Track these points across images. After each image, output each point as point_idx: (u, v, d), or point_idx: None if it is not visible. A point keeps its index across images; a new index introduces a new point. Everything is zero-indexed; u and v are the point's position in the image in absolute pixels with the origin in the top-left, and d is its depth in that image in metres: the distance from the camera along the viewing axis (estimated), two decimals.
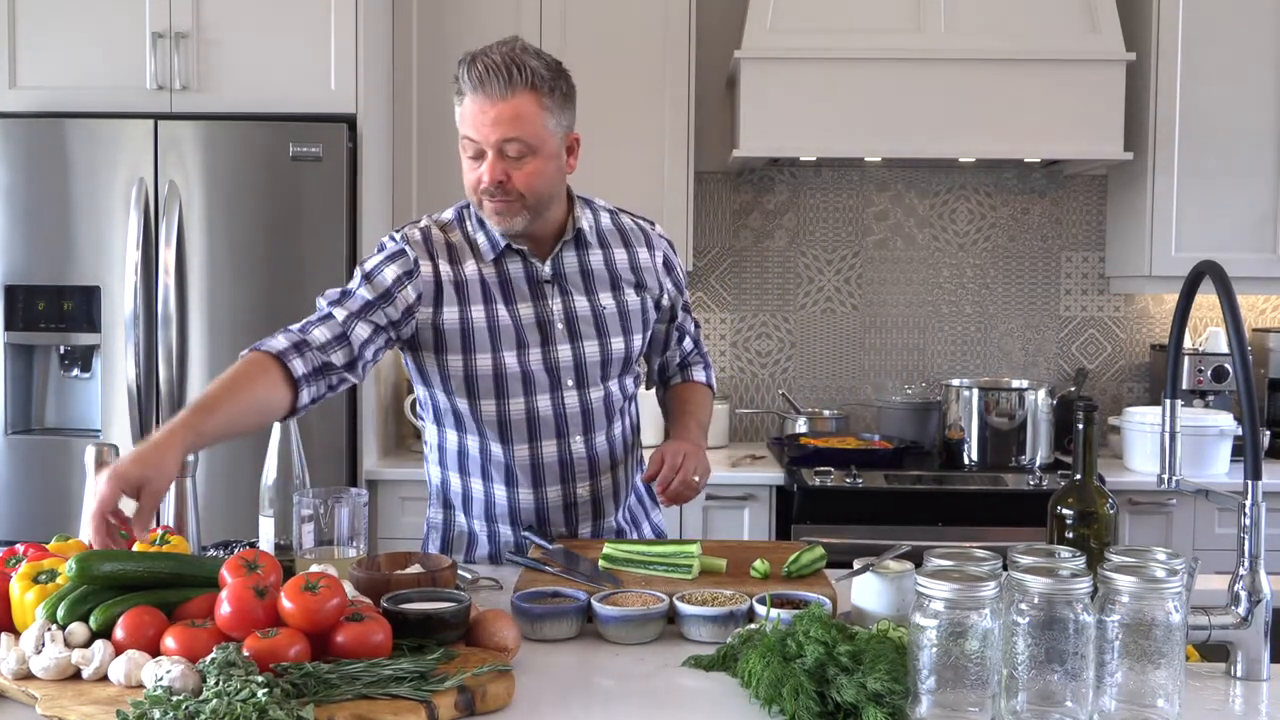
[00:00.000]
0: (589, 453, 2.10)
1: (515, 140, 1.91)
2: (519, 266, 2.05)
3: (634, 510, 2.25)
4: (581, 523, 2.13)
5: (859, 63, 3.44)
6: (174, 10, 3.30)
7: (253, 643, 1.37)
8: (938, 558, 1.36)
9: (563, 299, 2.06)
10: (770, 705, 1.37)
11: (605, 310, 2.08)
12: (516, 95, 1.90)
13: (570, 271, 2.07)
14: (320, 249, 3.28)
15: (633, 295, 2.12)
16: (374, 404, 3.47)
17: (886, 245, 4.00)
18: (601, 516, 2.14)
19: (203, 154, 3.27)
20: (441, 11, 3.60)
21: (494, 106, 1.90)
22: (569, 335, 2.06)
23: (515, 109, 1.90)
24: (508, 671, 1.43)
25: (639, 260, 2.14)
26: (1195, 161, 3.56)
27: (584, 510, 2.12)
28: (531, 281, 2.05)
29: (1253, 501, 1.51)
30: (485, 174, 1.93)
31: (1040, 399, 3.50)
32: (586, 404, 2.08)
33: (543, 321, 2.04)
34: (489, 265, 2.03)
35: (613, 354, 2.09)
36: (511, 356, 2.02)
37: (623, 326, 2.10)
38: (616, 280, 2.10)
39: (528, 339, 2.03)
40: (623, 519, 2.20)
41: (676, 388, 2.32)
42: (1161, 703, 1.33)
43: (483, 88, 1.90)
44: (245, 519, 2.11)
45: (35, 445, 3.38)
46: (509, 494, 2.09)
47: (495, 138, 1.91)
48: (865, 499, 3.27)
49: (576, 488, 2.10)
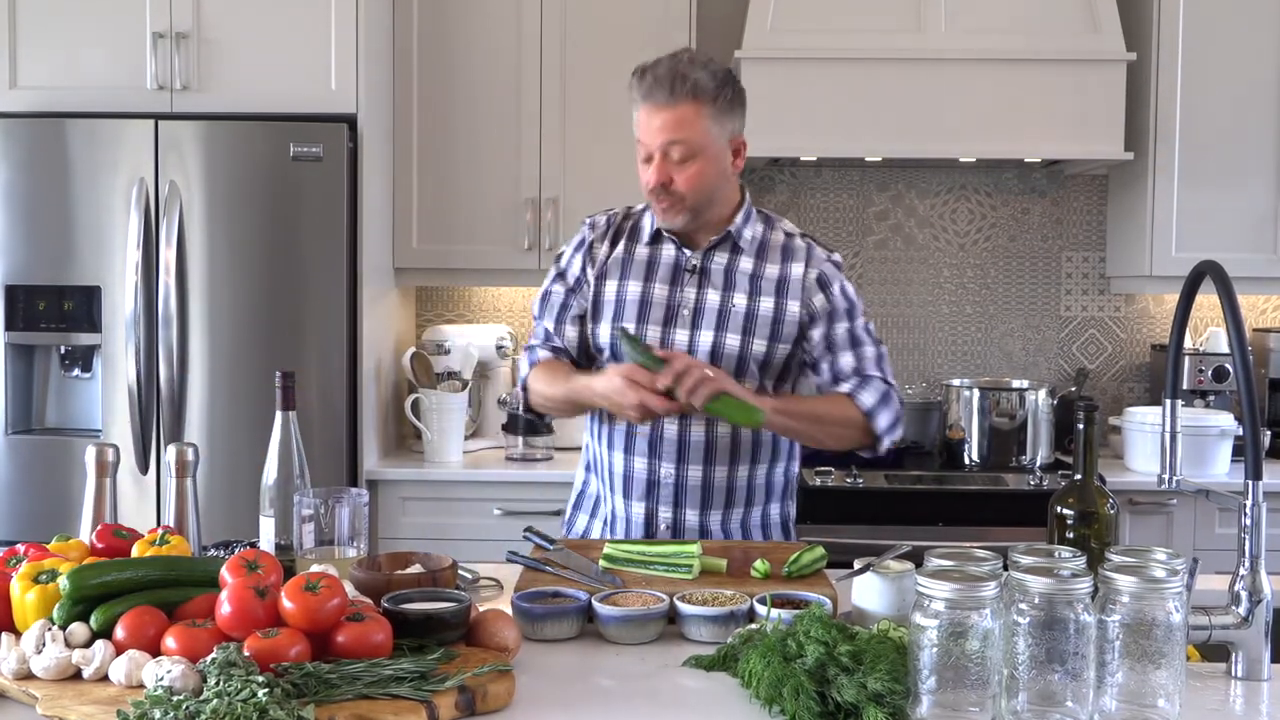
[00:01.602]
0: (681, 436, 2.16)
1: (679, 143, 2.08)
2: (671, 251, 2.21)
3: (751, 534, 2.24)
4: (662, 504, 2.19)
5: (859, 63, 3.44)
6: (174, 10, 3.31)
7: (253, 643, 1.37)
8: (938, 558, 1.36)
9: (698, 290, 2.19)
10: (771, 705, 1.37)
11: (734, 308, 2.17)
12: (679, 103, 2.06)
13: (715, 267, 2.19)
14: (320, 249, 3.28)
15: (768, 302, 2.17)
16: (374, 404, 3.47)
17: (886, 245, 4.00)
18: (681, 505, 2.19)
19: (203, 154, 3.27)
20: (441, 11, 3.60)
21: (660, 114, 2.07)
22: (691, 323, 2.17)
23: (679, 116, 2.07)
24: (508, 671, 1.43)
25: (789, 274, 2.19)
26: (1195, 161, 3.56)
27: (665, 491, 2.18)
28: (676, 268, 2.20)
29: (1253, 501, 1.51)
30: (649, 176, 2.11)
31: (1041, 399, 3.50)
32: None
33: (672, 304, 2.18)
34: (644, 246, 2.22)
35: (725, 349, 2.15)
36: (630, 328, 2.16)
37: (745, 326, 2.16)
38: (757, 286, 2.18)
39: (650, 315, 2.18)
40: (718, 525, 2.20)
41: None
42: (1162, 703, 1.33)
43: (651, 97, 2.08)
44: (245, 519, 2.11)
45: (35, 445, 3.38)
46: (609, 455, 2.22)
47: (660, 142, 2.08)
48: (865, 499, 3.27)
49: (661, 466, 2.17)
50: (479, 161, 3.62)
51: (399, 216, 3.63)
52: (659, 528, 2.19)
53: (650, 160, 2.11)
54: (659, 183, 2.10)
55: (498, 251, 3.63)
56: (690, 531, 2.19)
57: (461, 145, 3.62)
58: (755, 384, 2.18)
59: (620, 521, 2.22)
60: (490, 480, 3.43)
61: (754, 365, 2.17)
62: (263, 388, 3.15)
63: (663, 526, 2.19)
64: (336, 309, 3.30)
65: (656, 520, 2.19)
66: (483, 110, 3.61)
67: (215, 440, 3.25)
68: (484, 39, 3.61)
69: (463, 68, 3.60)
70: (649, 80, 2.07)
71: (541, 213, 3.60)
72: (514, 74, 3.59)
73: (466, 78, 3.61)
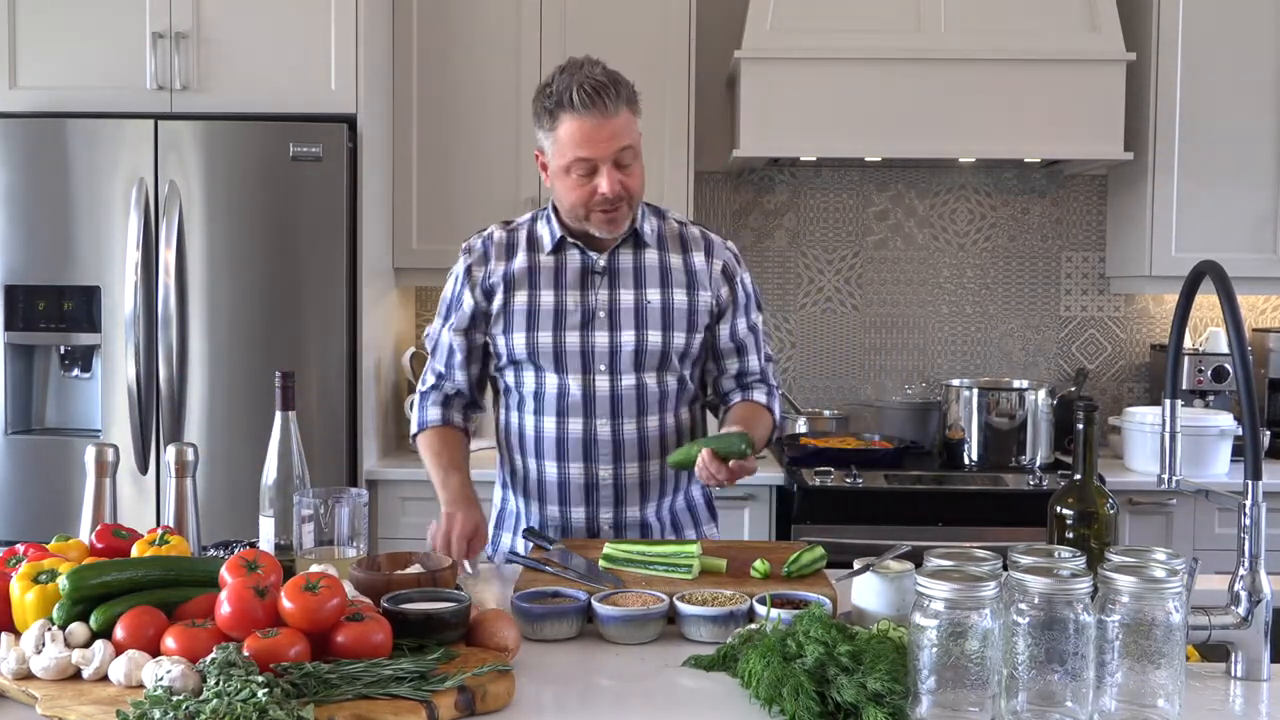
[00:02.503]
0: (615, 437, 2.17)
1: (629, 148, 2.07)
2: (576, 256, 2.19)
3: (679, 515, 2.28)
4: (603, 505, 2.19)
5: (859, 63, 3.44)
6: (174, 10, 3.30)
7: (253, 643, 1.37)
8: (938, 558, 1.36)
9: (609, 290, 2.18)
10: (770, 705, 1.37)
11: (649, 305, 2.17)
12: (621, 110, 2.06)
13: (623, 267, 2.19)
14: (320, 249, 3.28)
15: (681, 295, 2.19)
16: (374, 404, 3.47)
17: (886, 245, 4.00)
18: (622, 504, 2.19)
19: (203, 154, 3.26)
20: (441, 11, 3.60)
21: (609, 121, 2.04)
22: (609, 324, 2.16)
23: (624, 122, 2.06)
24: (508, 671, 1.43)
25: (694, 264, 2.21)
26: (1195, 161, 3.56)
27: (605, 493, 2.18)
28: (584, 272, 2.18)
29: (1253, 501, 1.51)
30: (606, 187, 2.06)
31: (1040, 399, 3.50)
32: (618, 390, 2.16)
33: (586, 309, 2.17)
34: (547, 255, 2.18)
35: (648, 345, 2.16)
36: (547, 336, 2.15)
37: (663, 322, 2.17)
38: (667, 279, 2.19)
39: (566, 322, 2.16)
40: (654, 516, 2.23)
41: (735, 406, 2.27)
42: (1162, 703, 1.33)
43: (595, 106, 2.03)
44: (245, 519, 2.11)
45: (35, 445, 3.38)
46: (538, 466, 2.21)
47: (612, 150, 2.06)
48: (865, 499, 3.27)
49: (599, 469, 2.17)
50: (479, 161, 3.62)
51: (398, 216, 3.63)
52: (600, 529, 2.20)
53: (593, 174, 2.06)
54: (616, 193, 2.06)
55: None
56: (632, 528, 2.20)
57: (461, 145, 3.62)
58: (677, 375, 2.21)
59: (555, 531, 2.21)
60: (490, 480, 3.41)
61: (675, 359, 2.19)
62: (262, 388, 3.15)
63: (605, 527, 2.20)
64: (336, 309, 3.30)
65: (598, 522, 2.20)
66: (482, 110, 3.61)
67: (215, 440, 3.25)
68: (484, 39, 3.61)
69: (462, 68, 3.60)
70: (585, 93, 2.02)
71: None
72: (514, 73, 3.59)
73: (466, 77, 3.61)
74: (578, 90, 2.02)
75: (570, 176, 2.07)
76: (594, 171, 2.06)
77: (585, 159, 2.05)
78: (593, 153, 2.04)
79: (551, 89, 2.05)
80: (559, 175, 2.10)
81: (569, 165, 2.06)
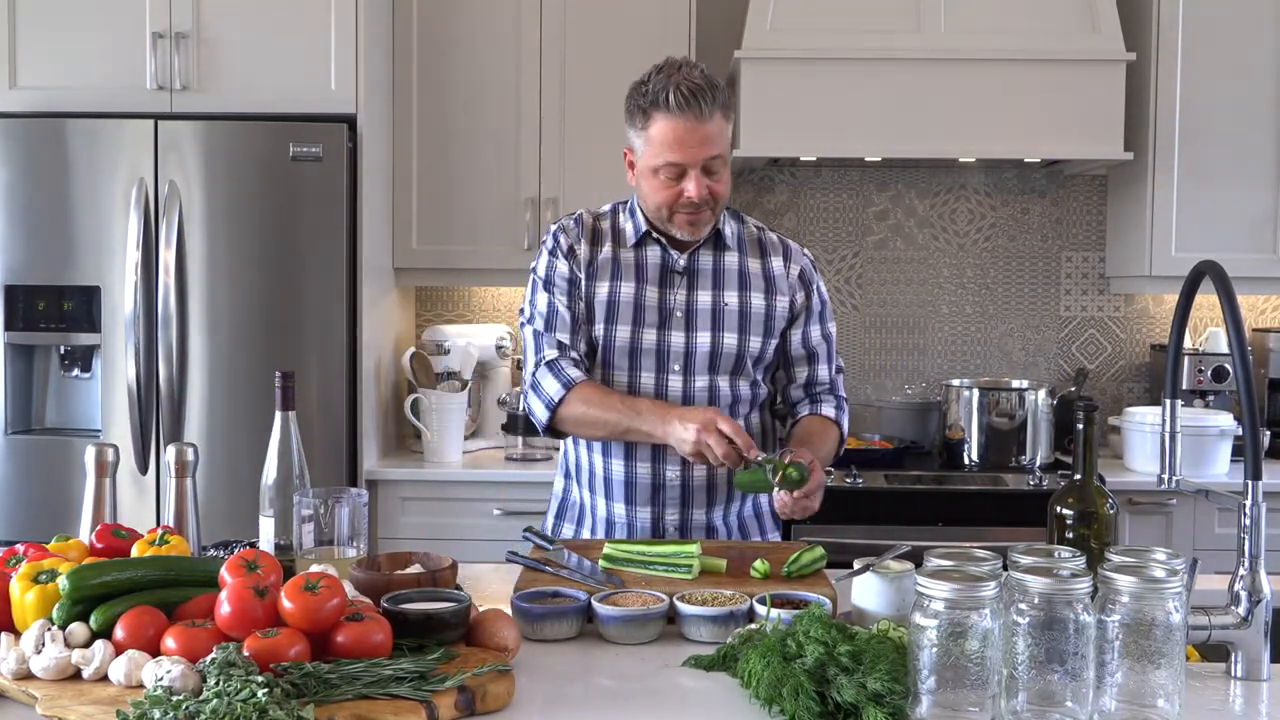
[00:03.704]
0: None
1: (719, 156, 2.06)
2: (657, 254, 2.19)
3: (746, 522, 2.27)
4: (669, 506, 2.18)
5: (859, 63, 3.44)
6: (174, 10, 3.30)
7: (253, 643, 1.37)
8: (938, 558, 1.36)
9: (689, 291, 2.18)
10: (770, 705, 1.37)
11: (726, 307, 2.17)
12: (715, 115, 2.03)
13: (703, 268, 2.19)
14: (320, 249, 3.28)
15: (758, 299, 2.19)
16: (374, 404, 3.47)
17: (886, 245, 4.00)
18: (689, 505, 2.18)
19: (203, 154, 3.27)
20: (441, 11, 3.60)
21: (702, 126, 2.02)
22: (685, 324, 2.17)
23: (717, 128, 2.04)
24: (508, 671, 1.43)
25: (772, 269, 2.22)
26: (1195, 161, 3.56)
27: (671, 493, 2.18)
28: (664, 270, 2.18)
29: (1253, 501, 1.51)
30: (693, 192, 2.05)
31: (1040, 399, 3.50)
32: (690, 392, 2.16)
33: (665, 307, 2.17)
34: (629, 250, 2.18)
35: (723, 348, 2.16)
36: (625, 331, 2.15)
37: (740, 325, 2.17)
38: (745, 282, 2.19)
39: (645, 319, 2.15)
40: (720, 520, 2.22)
41: (802, 420, 2.25)
42: (1162, 703, 1.33)
43: (690, 109, 2.01)
44: (245, 519, 2.11)
45: (35, 445, 3.38)
46: (605, 463, 2.19)
47: (704, 155, 2.04)
48: (865, 499, 3.27)
49: (666, 469, 2.16)
50: (478, 162, 3.62)
51: (398, 216, 3.63)
52: (666, 530, 2.19)
53: (679, 177, 2.05)
54: (703, 198, 2.05)
55: (497, 251, 3.63)
56: (697, 530, 2.20)
57: (461, 145, 3.62)
58: (750, 380, 2.20)
59: (620, 528, 2.21)
60: (490, 480, 3.43)
61: (749, 362, 2.19)
62: (262, 388, 3.15)
63: (670, 529, 2.19)
64: (336, 309, 3.30)
65: (664, 523, 2.19)
66: (482, 110, 3.61)
67: (215, 440, 3.25)
68: (483, 39, 3.61)
69: (462, 68, 3.60)
70: (681, 94, 1.99)
71: (541, 213, 3.59)
72: (513, 74, 3.59)
73: (466, 78, 3.61)
74: (674, 91, 2.00)
75: (658, 178, 2.07)
76: (682, 175, 2.05)
77: (675, 163, 2.04)
78: (683, 157, 2.03)
79: (647, 87, 2.04)
80: (646, 175, 2.09)
81: (658, 167, 2.06)
